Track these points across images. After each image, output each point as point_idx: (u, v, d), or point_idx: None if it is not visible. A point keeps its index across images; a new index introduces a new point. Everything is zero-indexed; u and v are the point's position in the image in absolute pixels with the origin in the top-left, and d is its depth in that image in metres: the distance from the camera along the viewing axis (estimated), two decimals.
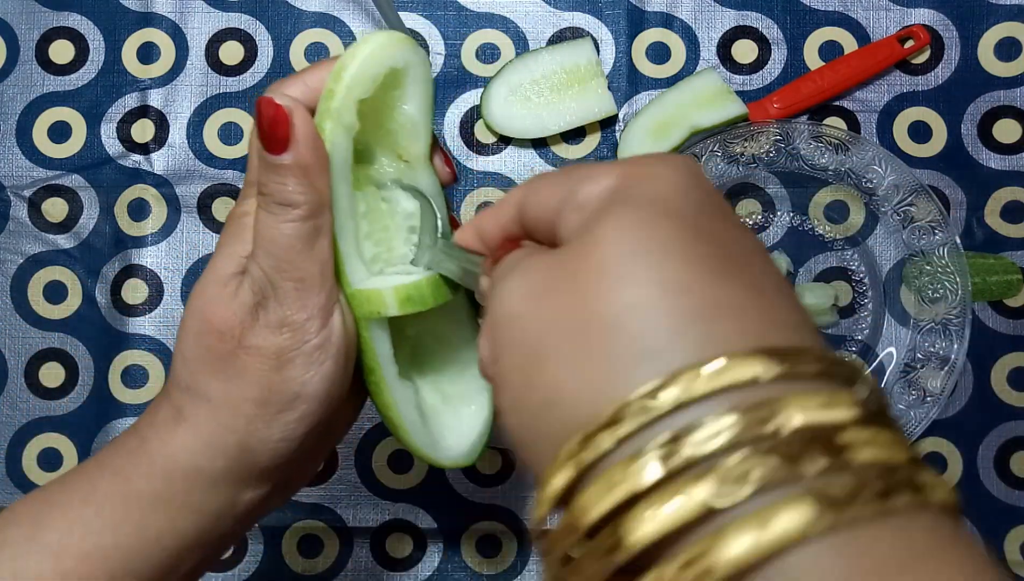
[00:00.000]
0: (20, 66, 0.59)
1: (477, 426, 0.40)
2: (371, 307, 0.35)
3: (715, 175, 0.57)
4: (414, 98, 0.36)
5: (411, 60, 0.35)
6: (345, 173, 0.34)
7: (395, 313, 0.34)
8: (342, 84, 0.33)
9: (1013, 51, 0.58)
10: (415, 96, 0.36)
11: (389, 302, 0.34)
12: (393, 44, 0.34)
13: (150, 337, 0.58)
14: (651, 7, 0.59)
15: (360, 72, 0.33)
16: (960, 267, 0.55)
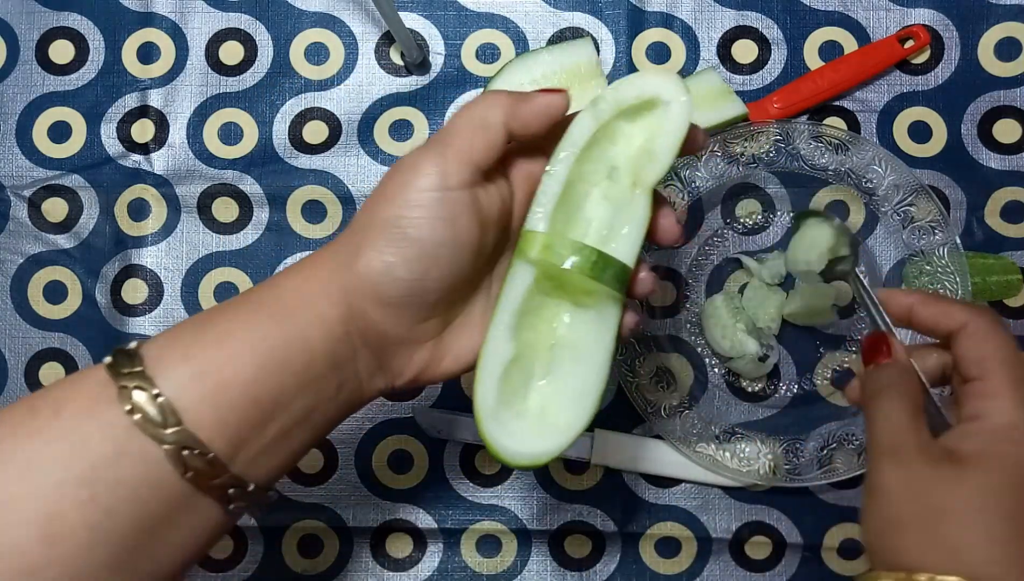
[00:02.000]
0: (20, 66, 0.60)
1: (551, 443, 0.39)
2: (522, 244, 0.39)
3: (715, 175, 0.57)
4: (665, 132, 0.39)
5: (677, 96, 0.38)
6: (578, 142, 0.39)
7: (534, 255, 0.38)
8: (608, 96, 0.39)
9: (1013, 51, 0.58)
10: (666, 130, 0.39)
11: (536, 244, 0.38)
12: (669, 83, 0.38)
13: (150, 337, 0.58)
14: (651, 7, 0.59)
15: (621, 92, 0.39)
16: (960, 267, 0.55)
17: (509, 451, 0.38)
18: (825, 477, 0.55)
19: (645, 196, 0.39)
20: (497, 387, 0.39)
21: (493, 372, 0.39)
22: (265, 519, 0.57)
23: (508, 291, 0.39)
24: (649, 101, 0.39)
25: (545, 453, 0.38)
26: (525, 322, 0.40)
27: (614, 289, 0.38)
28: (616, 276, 0.38)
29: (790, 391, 0.58)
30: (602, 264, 0.38)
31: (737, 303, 0.57)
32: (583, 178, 0.40)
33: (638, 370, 0.56)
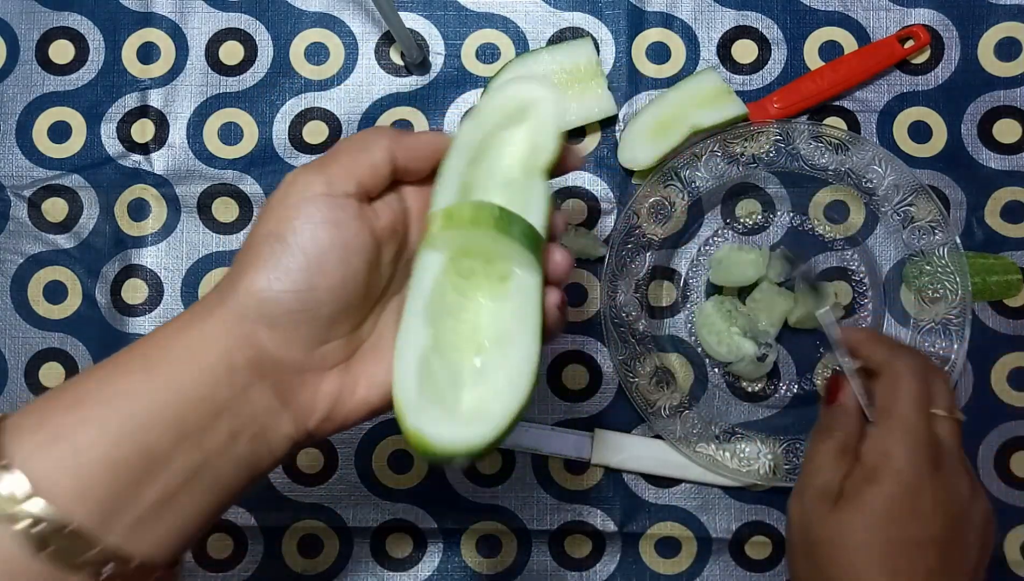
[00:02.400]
0: (20, 66, 0.60)
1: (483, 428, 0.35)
2: (428, 230, 0.37)
3: (715, 175, 0.57)
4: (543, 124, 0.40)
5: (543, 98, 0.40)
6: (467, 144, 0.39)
7: (437, 229, 0.37)
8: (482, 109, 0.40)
9: (1013, 51, 0.58)
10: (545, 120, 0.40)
11: (437, 219, 0.37)
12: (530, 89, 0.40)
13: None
14: (651, 7, 0.59)
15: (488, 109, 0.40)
16: (960, 267, 0.55)
17: (440, 438, 0.34)
18: None
19: (539, 179, 0.39)
20: (417, 377, 0.36)
21: (410, 362, 0.36)
22: (265, 519, 0.57)
23: (417, 280, 0.37)
24: (523, 107, 0.40)
25: (478, 438, 0.35)
26: (444, 323, 0.38)
27: (526, 248, 0.37)
28: (525, 233, 0.37)
29: (790, 391, 0.58)
30: (508, 219, 0.37)
31: (729, 306, 0.57)
32: (478, 185, 0.40)
33: (638, 370, 0.56)
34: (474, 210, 0.37)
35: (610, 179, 0.59)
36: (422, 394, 0.36)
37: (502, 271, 0.38)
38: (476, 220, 0.37)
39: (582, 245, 0.57)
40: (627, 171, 0.58)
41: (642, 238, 0.57)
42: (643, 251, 0.57)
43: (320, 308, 0.34)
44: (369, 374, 0.37)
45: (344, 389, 0.36)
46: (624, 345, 0.56)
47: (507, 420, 0.36)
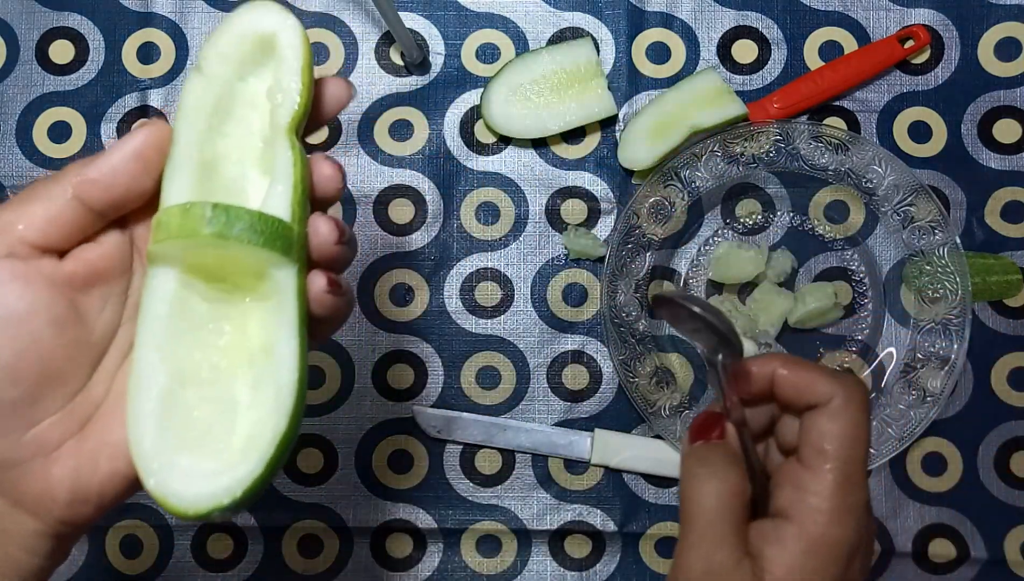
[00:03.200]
0: (20, 66, 0.60)
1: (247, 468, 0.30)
2: (157, 233, 0.31)
3: (715, 175, 0.57)
4: (285, 61, 0.33)
5: (279, 23, 0.33)
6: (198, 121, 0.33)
7: (151, 243, 0.31)
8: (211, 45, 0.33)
9: (1013, 51, 0.58)
10: (286, 59, 0.33)
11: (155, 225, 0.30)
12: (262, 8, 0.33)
13: None
14: (651, 7, 0.59)
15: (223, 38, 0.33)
16: (960, 267, 0.55)
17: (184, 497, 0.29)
18: None
19: (284, 139, 0.32)
20: (157, 424, 0.30)
21: (145, 408, 0.30)
22: (265, 519, 0.57)
23: (146, 308, 0.31)
24: (261, 43, 0.33)
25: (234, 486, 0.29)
26: (195, 338, 0.32)
27: (258, 245, 0.30)
28: (254, 227, 0.30)
29: None
30: (222, 217, 0.30)
31: (729, 306, 0.57)
32: (229, 158, 0.33)
33: (638, 370, 0.56)
34: (181, 215, 0.30)
35: (610, 179, 0.59)
36: (164, 443, 0.30)
37: (255, 268, 0.32)
38: (185, 228, 0.30)
39: (582, 245, 0.57)
40: (627, 171, 0.58)
41: (642, 238, 0.57)
42: (643, 251, 0.57)
43: (0, 395, 0.30)
44: (112, 442, 0.31)
45: (81, 467, 0.31)
46: (624, 345, 0.56)
47: (262, 466, 0.30)
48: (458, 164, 0.59)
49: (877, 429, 0.55)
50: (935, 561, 0.56)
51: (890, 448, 0.54)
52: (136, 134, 0.32)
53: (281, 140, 0.32)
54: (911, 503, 0.57)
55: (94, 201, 0.31)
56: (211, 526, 0.57)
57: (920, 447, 0.57)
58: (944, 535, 0.56)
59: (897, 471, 0.57)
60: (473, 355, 0.58)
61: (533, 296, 0.58)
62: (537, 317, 0.58)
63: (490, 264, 0.58)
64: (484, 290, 0.58)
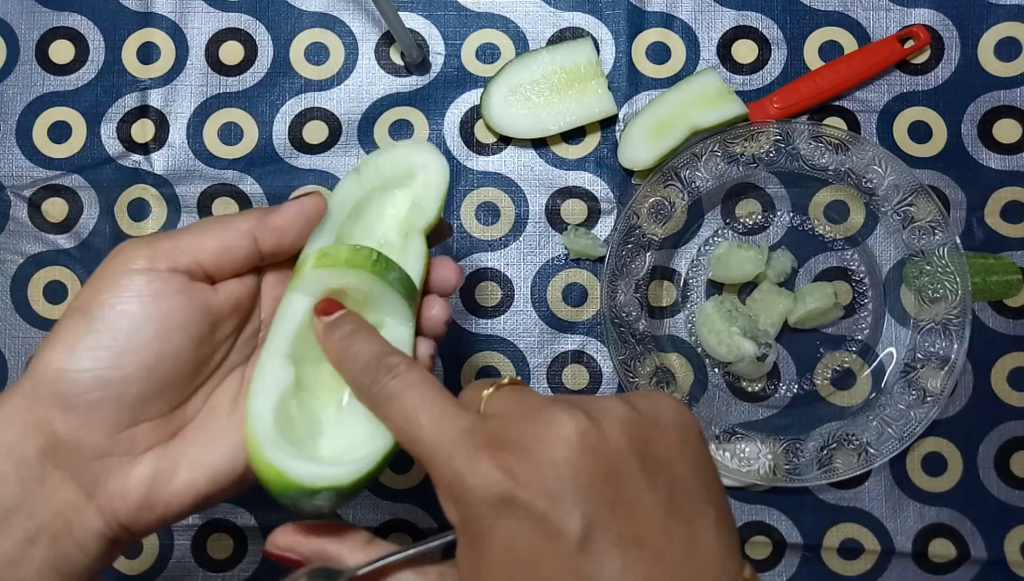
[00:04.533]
0: (20, 66, 0.59)
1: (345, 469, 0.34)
2: (296, 271, 0.37)
3: (715, 175, 0.57)
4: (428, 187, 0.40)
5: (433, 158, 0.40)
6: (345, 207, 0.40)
7: (309, 268, 0.36)
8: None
9: (1013, 51, 0.58)
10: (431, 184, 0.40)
11: (310, 259, 0.36)
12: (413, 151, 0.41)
13: None
14: (651, 7, 0.59)
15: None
16: (960, 267, 0.55)
17: (300, 471, 0.32)
18: (825, 477, 0.55)
19: (418, 238, 0.39)
20: (275, 414, 0.34)
21: (267, 400, 0.34)
22: (265, 519, 0.57)
23: (279, 323, 0.36)
24: (408, 172, 0.40)
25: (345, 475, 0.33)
26: (306, 367, 0.36)
27: (401, 295, 0.37)
28: (401, 280, 0.37)
29: (790, 391, 0.58)
30: (384, 263, 0.36)
31: (729, 306, 0.57)
32: (353, 240, 0.39)
33: (638, 370, 0.56)
34: (351, 251, 0.36)
35: (610, 179, 0.59)
36: (279, 430, 0.33)
37: (374, 319, 0.38)
38: (352, 261, 0.36)
39: (582, 245, 0.57)
40: (627, 171, 0.58)
41: (642, 238, 0.57)
42: (643, 251, 0.57)
43: (127, 388, 0.31)
44: (193, 456, 0.33)
45: (160, 474, 0.32)
46: (624, 345, 0.56)
47: (375, 461, 0.34)
48: (458, 164, 0.59)
49: (877, 429, 0.55)
50: (935, 561, 0.56)
51: (890, 448, 0.55)
52: (307, 200, 0.37)
53: (416, 237, 0.39)
54: (911, 503, 0.57)
55: (265, 244, 0.36)
56: (211, 526, 0.57)
57: (920, 447, 0.57)
58: (944, 535, 0.57)
59: (897, 471, 0.57)
60: (473, 355, 0.58)
61: (533, 296, 0.58)
62: (537, 317, 0.58)
63: (490, 264, 0.58)
64: (484, 290, 0.58)
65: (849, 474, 0.55)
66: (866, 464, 0.54)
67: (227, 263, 0.35)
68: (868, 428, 0.55)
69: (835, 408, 0.57)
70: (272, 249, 0.36)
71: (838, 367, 0.58)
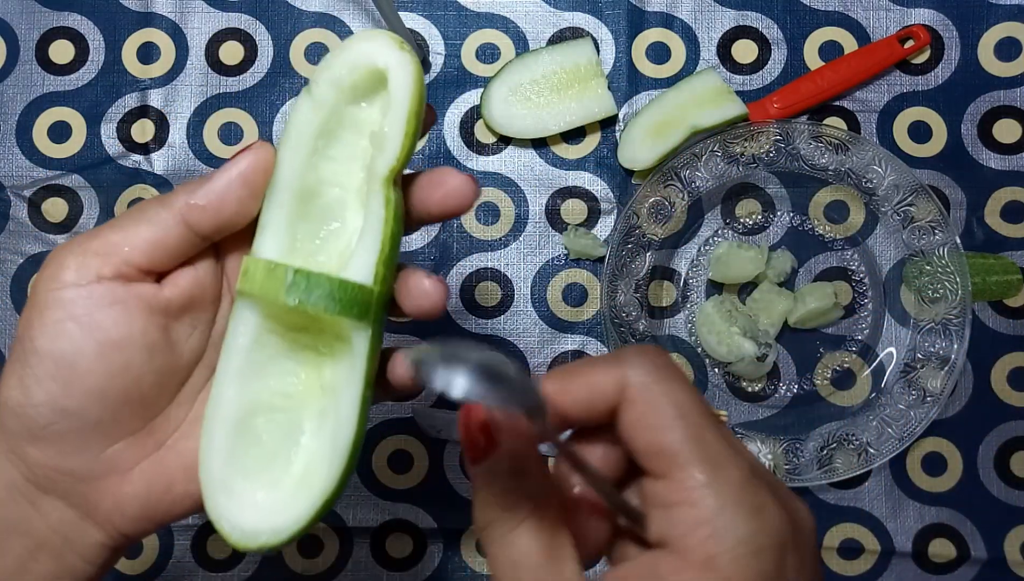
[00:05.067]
0: (20, 66, 0.59)
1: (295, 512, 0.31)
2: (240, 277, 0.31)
3: (715, 175, 0.57)
4: (391, 107, 0.32)
5: (394, 62, 0.32)
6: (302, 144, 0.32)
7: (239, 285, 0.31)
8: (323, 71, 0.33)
9: (1013, 51, 0.58)
10: (393, 104, 0.32)
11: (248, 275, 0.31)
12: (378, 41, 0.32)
13: None
14: (651, 7, 0.59)
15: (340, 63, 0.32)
16: (960, 267, 0.55)
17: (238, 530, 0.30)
18: (825, 477, 0.55)
19: (380, 192, 0.32)
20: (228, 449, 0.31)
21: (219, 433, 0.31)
22: None
23: (232, 335, 0.32)
24: (375, 76, 0.32)
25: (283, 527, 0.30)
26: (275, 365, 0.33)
27: (336, 313, 0.30)
28: (332, 295, 0.30)
29: (790, 391, 0.58)
30: (304, 284, 0.30)
31: (729, 306, 0.57)
32: (332, 182, 0.33)
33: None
34: (266, 274, 0.30)
35: (610, 179, 0.59)
36: (230, 470, 0.31)
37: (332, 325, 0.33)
38: (266, 289, 0.31)
39: (582, 245, 0.57)
40: (627, 171, 0.58)
41: (642, 238, 0.57)
42: (643, 251, 0.57)
43: (85, 414, 0.30)
44: (186, 465, 0.32)
45: (155, 486, 0.32)
46: (624, 345, 0.56)
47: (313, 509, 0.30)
48: (458, 164, 0.59)
49: (877, 429, 0.55)
50: (935, 561, 0.56)
51: (890, 448, 0.55)
52: (242, 158, 0.32)
53: (376, 191, 0.32)
54: (911, 503, 0.57)
55: (201, 226, 0.31)
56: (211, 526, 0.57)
57: (920, 447, 0.57)
58: (944, 535, 0.57)
59: (897, 471, 0.57)
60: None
61: (533, 296, 0.58)
62: (537, 317, 0.58)
63: (490, 264, 0.58)
64: (484, 290, 0.58)
65: (849, 474, 0.55)
66: (866, 464, 0.54)
67: (162, 256, 0.31)
68: (868, 428, 0.55)
69: (835, 408, 0.57)
70: (211, 229, 0.31)
71: (838, 367, 0.58)
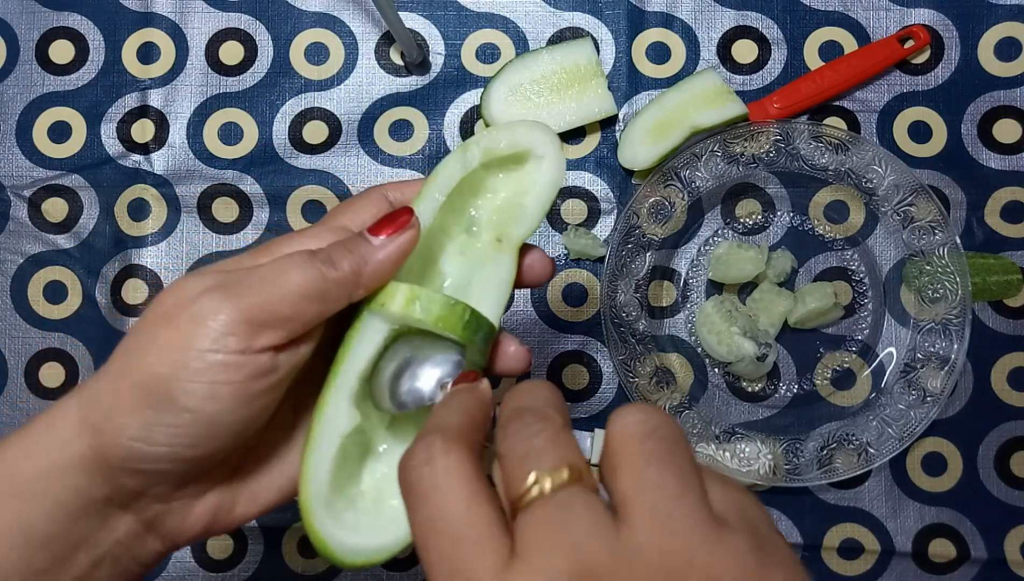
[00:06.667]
0: (20, 66, 0.59)
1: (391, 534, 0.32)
2: (380, 296, 0.33)
3: (715, 175, 0.57)
4: (536, 188, 0.36)
5: (551, 153, 0.35)
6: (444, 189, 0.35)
7: (396, 310, 0.32)
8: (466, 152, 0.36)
9: (1013, 51, 0.58)
10: (538, 186, 0.36)
11: (398, 298, 0.32)
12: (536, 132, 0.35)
13: None
14: (651, 7, 0.59)
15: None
16: (960, 267, 0.55)
17: (346, 547, 0.31)
18: (825, 477, 0.55)
19: (511, 255, 0.35)
20: (331, 468, 0.32)
21: (328, 450, 0.32)
22: (265, 519, 0.57)
23: (355, 351, 0.33)
24: (520, 154, 0.36)
25: (386, 547, 0.31)
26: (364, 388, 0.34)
27: (481, 351, 0.33)
28: (485, 338, 0.33)
29: (790, 391, 0.58)
30: (475, 324, 0.33)
31: (729, 306, 0.57)
32: (441, 229, 0.36)
33: (638, 370, 0.56)
34: (445, 309, 0.32)
35: (610, 179, 0.59)
36: (334, 488, 0.32)
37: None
38: (443, 320, 0.32)
39: (582, 245, 0.57)
40: (627, 171, 0.58)
41: (642, 238, 0.57)
42: (643, 251, 0.57)
43: (202, 462, 0.30)
44: (252, 491, 0.33)
45: (220, 509, 0.33)
46: (624, 345, 0.56)
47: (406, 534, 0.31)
48: None
49: (877, 429, 0.55)
50: (935, 561, 0.56)
51: (890, 448, 0.55)
52: (404, 235, 0.32)
53: (507, 253, 0.35)
54: (911, 503, 0.57)
55: (357, 298, 0.32)
56: None
57: (920, 447, 0.57)
58: (944, 535, 0.57)
59: (897, 471, 0.57)
60: None
61: (533, 296, 0.58)
62: (537, 317, 0.58)
63: None
64: None
65: (849, 474, 0.55)
66: (866, 464, 0.54)
67: (312, 327, 0.31)
68: (868, 428, 0.55)
69: (835, 408, 0.57)
70: (362, 296, 0.32)
71: (838, 367, 0.58)
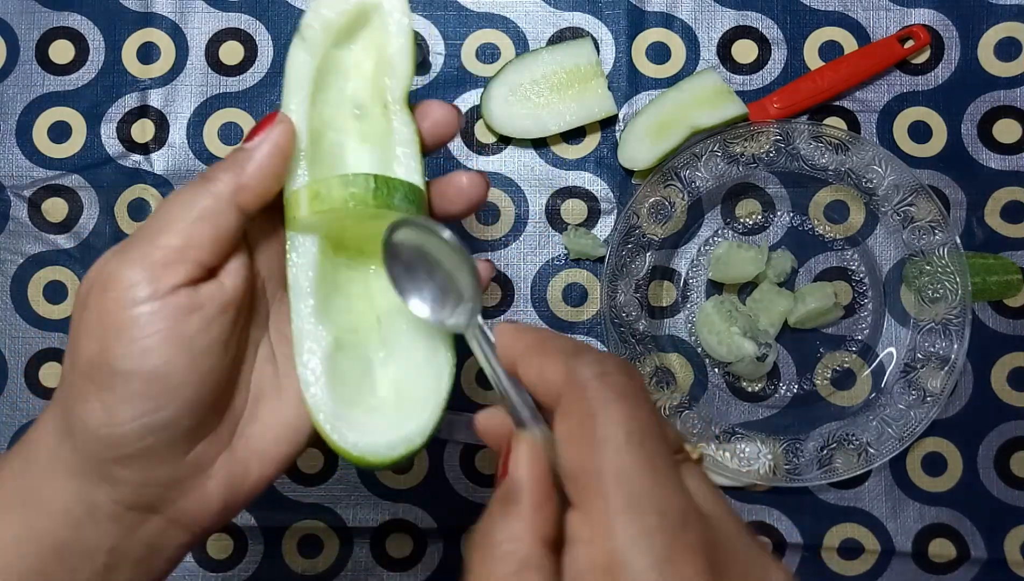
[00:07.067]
0: (20, 66, 0.59)
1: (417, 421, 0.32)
2: (290, 212, 0.32)
3: (715, 175, 0.57)
4: (392, 35, 0.36)
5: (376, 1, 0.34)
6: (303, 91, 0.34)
7: (305, 213, 0.31)
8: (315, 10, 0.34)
9: (1013, 51, 0.58)
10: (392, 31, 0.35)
11: (302, 201, 0.31)
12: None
13: None
14: (651, 7, 0.59)
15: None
16: (960, 267, 0.55)
17: (376, 447, 0.31)
18: (825, 477, 0.55)
19: (403, 110, 0.34)
20: (328, 385, 0.32)
21: (315, 370, 0.32)
22: (265, 519, 0.57)
23: (295, 274, 0.32)
24: (359, 14, 0.34)
25: (417, 432, 0.31)
26: (335, 305, 0.33)
27: (409, 212, 0.32)
28: (407, 197, 0.32)
29: (790, 391, 0.58)
30: (385, 188, 0.31)
31: (729, 306, 0.57)
32: (329, 126, 0.34)
33: (638, 370, 0.56)
34: (344, 186, 0.31)
35: (610, 179, 0.59)
36: (339, 404, 0.32)
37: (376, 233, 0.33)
38: (352, 198, 0.31)
39: (582, 245, 0.57)
40: (627, 171, 0.58)
41: (642, 238, 0.57)
42: (643, 251, 0.57)
43: (176, 424, 0.30)
44: (259, 452, 0.33)
45: (234, 477, 0.32)
46: (624, 345, 0.56)
47: (437, 406, 0.32)
48: (458, 164, 0.59)
49: (877, 429, 0.55)
50: (935, 561, 0.56)
51: (890, 448, 0.55)
52: (274, 130, 0.32)
53: (398, 111, 0.34)
54: (911, 503, 0.57)
55: (250, 206, 0.31)
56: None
57: (920, 447, 0.57)
58: (944, 535, 0.57)
59: (897, 471, 0.57)
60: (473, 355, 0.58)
61: (533, 296, 0.58)
62: (537, 317, 0.58)
63: None
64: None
65: (849, 474, 0.55)
66: (866, 464, 0.54)
67: (224, 248, 0.31)
68: (868, 428, 0.55)
69: (835, 408, 0.57)
70: (257, 207, 0.32)
71: (838, 367, 0.58)
